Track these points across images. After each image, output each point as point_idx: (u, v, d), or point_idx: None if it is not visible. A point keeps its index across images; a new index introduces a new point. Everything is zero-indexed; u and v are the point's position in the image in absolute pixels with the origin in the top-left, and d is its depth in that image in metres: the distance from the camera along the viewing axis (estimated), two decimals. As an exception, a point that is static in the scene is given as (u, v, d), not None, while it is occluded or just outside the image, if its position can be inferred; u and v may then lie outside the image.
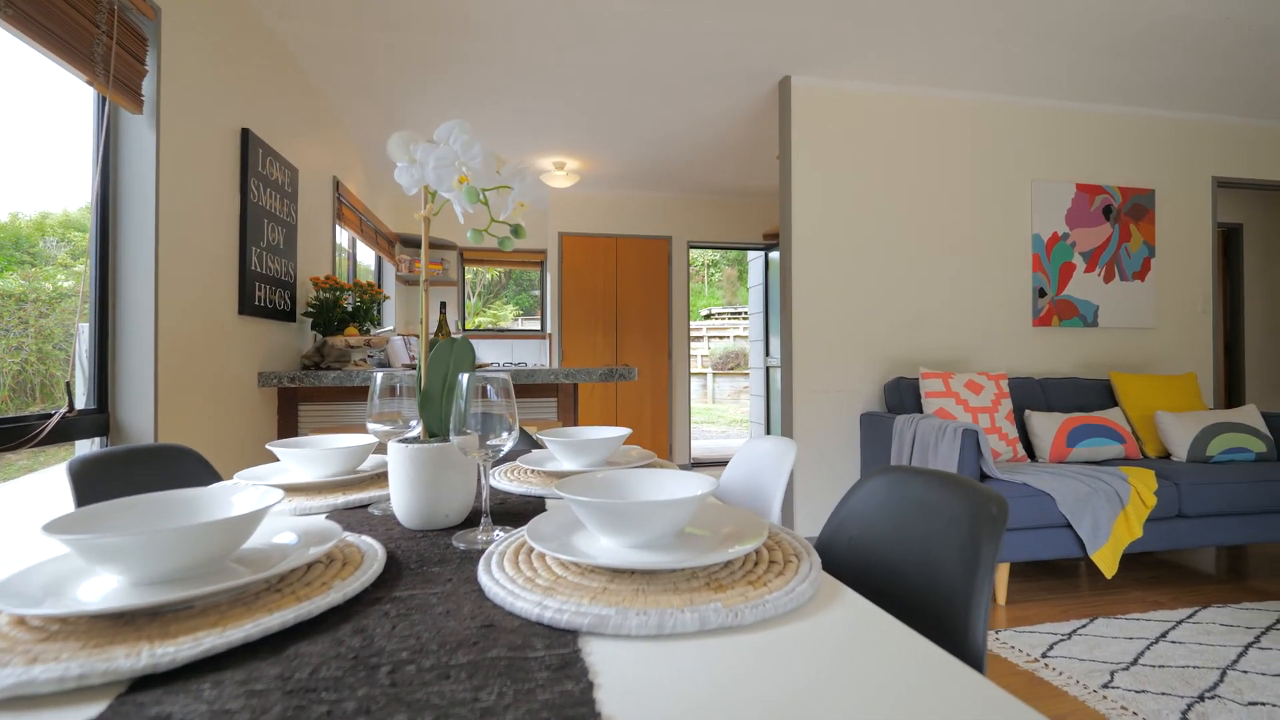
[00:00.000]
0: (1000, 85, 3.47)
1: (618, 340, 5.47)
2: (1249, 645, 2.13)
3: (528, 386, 2.91)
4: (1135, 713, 1.74)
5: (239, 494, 0.67)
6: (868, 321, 3.42)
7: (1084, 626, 2.30)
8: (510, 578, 0.60)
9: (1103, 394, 3.40)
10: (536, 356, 5.96)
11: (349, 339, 2.71)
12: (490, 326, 7.05)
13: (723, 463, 6.01)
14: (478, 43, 2.94)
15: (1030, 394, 3.32)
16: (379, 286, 3.63)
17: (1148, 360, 3.79)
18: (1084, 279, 3.67)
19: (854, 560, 0.89)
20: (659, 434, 5.54)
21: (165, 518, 0.64)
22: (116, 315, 1.79)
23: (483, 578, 0.61)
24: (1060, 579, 2.83)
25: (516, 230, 0.77)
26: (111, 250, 1.78)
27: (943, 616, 0.70)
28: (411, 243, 5.25)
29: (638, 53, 3.05)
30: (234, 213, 2.33)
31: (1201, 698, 1.81)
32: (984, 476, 2.67)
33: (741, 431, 10.15)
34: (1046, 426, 3.06)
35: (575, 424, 3.08)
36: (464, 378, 0.76)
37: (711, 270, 17.91)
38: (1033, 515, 2.50)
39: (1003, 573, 2.54)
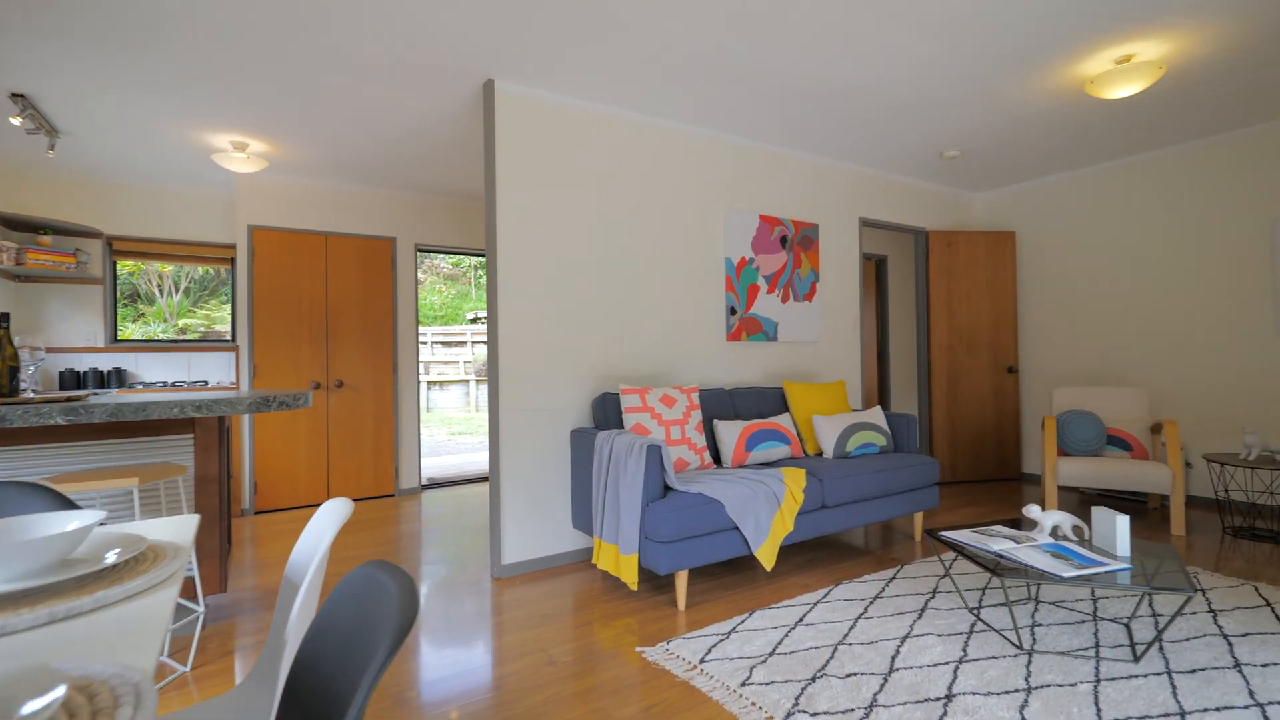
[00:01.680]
0: (702, 119, 3.75)
1: (329, 352, 4.82)
2: (858, 617, 2.53)
3: (141, 425, 2.31)
4: (761, 707, 1.91)
5: None
6: (578, 338, 3.43)
7: (743, 622, 2.52)
8: None
9: (778, 401, 3.88)
10: (225, 373, 4.99)
11: None
12: (204, 331, 5.74)
13: (463, 481, 5.70)
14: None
15: (721, 404, 3.63)
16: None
17: (814, 370, 4.45)
18: (766, 299, 4.16)
19: (327, 664, 0.72)
20: (383, 456, 5.02)
21: None
22: None
23: None
24: (738, 573, 3.12)
25: None
26: None
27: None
28: (19, 224, 3.98)
29: (317, 26, 2.62)
30: None
31: (814, 678, 2.06)
32: (667, 489, 2.81)
33: (498, 441, 9.85)
34: (730, 434, 3.37)
35: (223, 466, 2.54)
36: None
37: (480, 273, 17.29)
38: (707, 521, 2.69)
39: (682, 580, 2.69)
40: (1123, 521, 2.31)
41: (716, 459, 3.49)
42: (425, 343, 15.23)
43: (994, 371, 5.21)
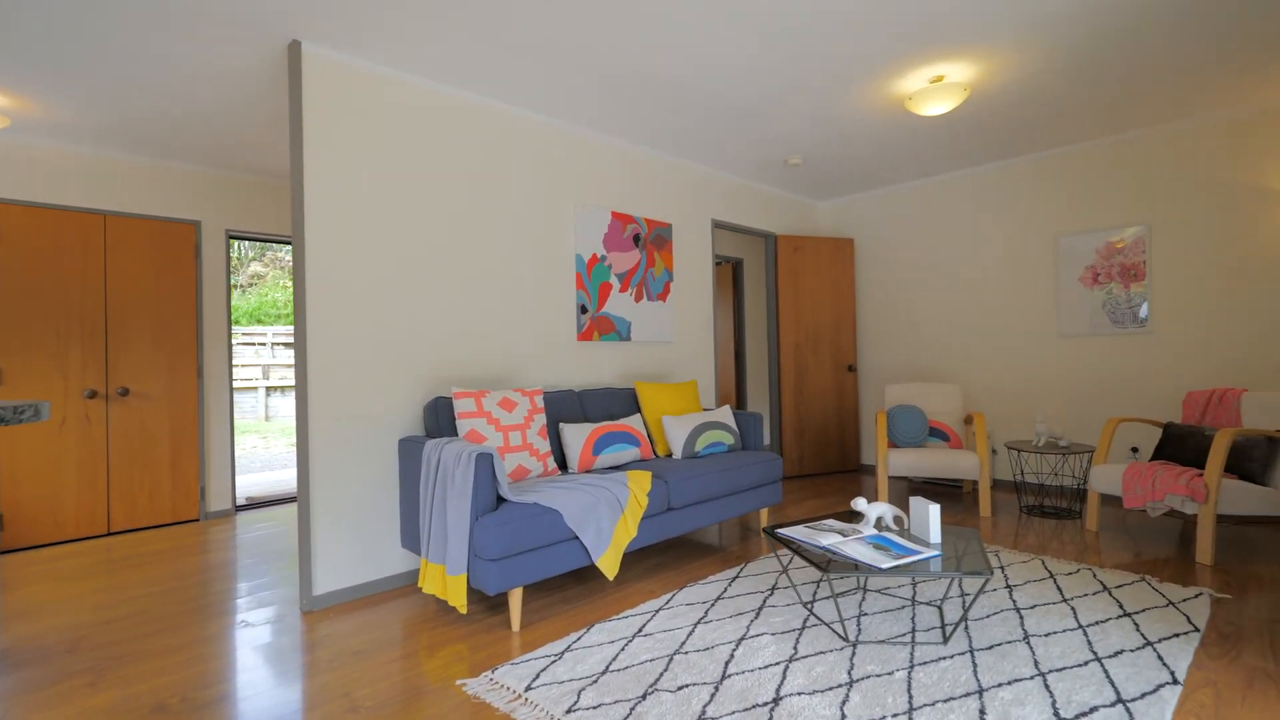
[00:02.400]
0: (547, 108, 3.57)
1: (110, 354, 4.05)
2: (698, 622, 2.47)
3: None
4: (584, 736, 1.76)
5: None
6: (409, 337, 3.11)
7: (580, 638, 2.37)
8: None
9: (630, 402, 3.79)
10: (-39, 379, 4.02)
11: None
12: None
13: (284, 500, 5.06)
14: None
15: (569, 406, 3.47)
16: None
17: (668, 370, 4.43)
18: (619, 298, 4.07)
19: None
20: (184, 475, 4.30)
21: None
22: None
23: None
24: (582, 583, 2.97)
25: None
26: None
27: None
28: None
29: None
30: None
31: (645, 695, 1.94)
32: (501, 500, 2.60)
33: (347, 451, 8.98)
34: (576, 437, 3.21)
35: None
36: None
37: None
38: (544, 533, 2.50)
39: (516, 598, 2.48)
40: (934, 510, 2.44)
41: (563, 465, 3.33)
42: (265, 344, 13.67)
43: (836, 370, 5.52)
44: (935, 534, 2.43)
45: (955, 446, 4.44)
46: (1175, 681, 1.95)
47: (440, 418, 2.96)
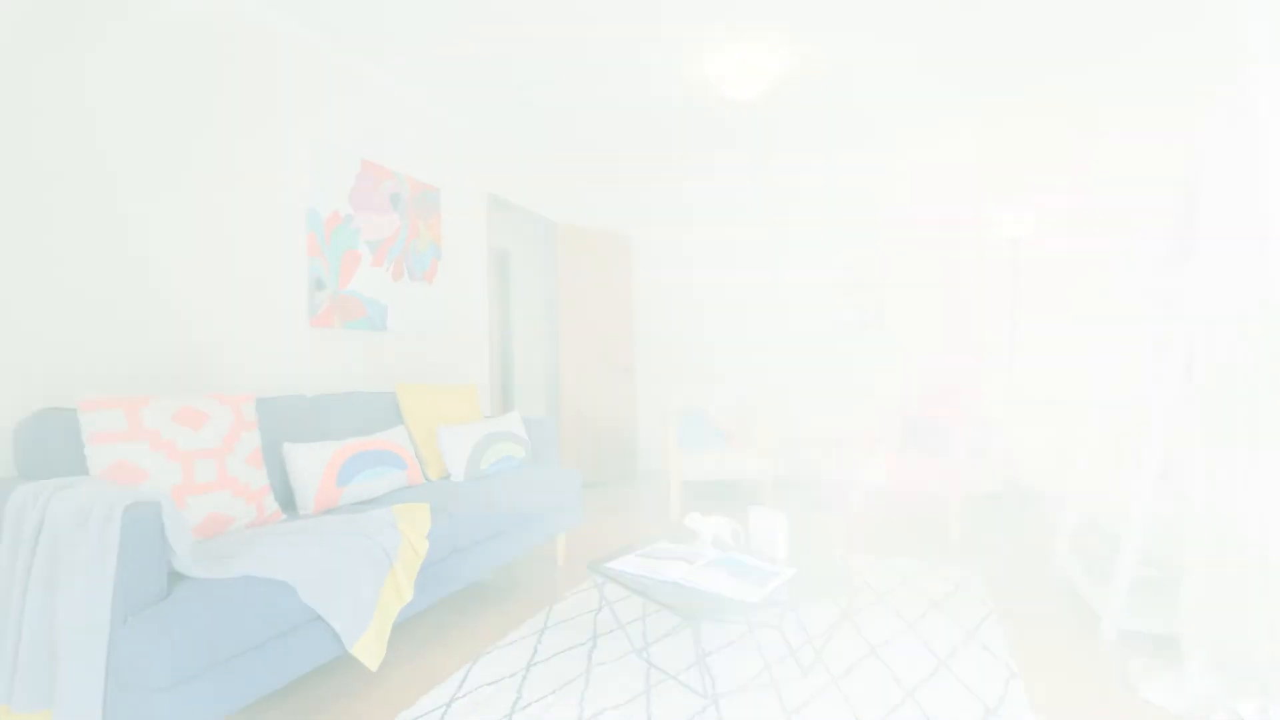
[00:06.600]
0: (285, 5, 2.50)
1: None
2: (513, 709, 1.78)
3: None
4: None
5: None
6: (-15, 305, 1.79)
7: (329, 783, 1.49)
8: None
9: (389, 410, 2.88)
10: None
11: None
12: None
13: None
14: None
15: (299, 418, 2.44)
16: None
17: (436, 369, 3.57)
18: (372, 273, 3.10)
19: None
20: None
21: None
22: None
23: None
24: (329, 676, 2.01)
25: None
26: None
27: None
28: None
29: None
30: None
31: None
32: (174, 579, 1.56)
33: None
34: (311, 463, 2.23)
35: None
36: None
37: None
38: (263, 624, 1.55)
39: (208, 741, 1.48)
40: (781, 521, 2.15)
41: (289, 504, 2.30)
42: None
43: (616, 372, 5.21)
44: (783, 548, 2.14)
45: (736, 446, 4.43)
46: (1014, 674, 1.91)
47: (53, 445, 1.73)
